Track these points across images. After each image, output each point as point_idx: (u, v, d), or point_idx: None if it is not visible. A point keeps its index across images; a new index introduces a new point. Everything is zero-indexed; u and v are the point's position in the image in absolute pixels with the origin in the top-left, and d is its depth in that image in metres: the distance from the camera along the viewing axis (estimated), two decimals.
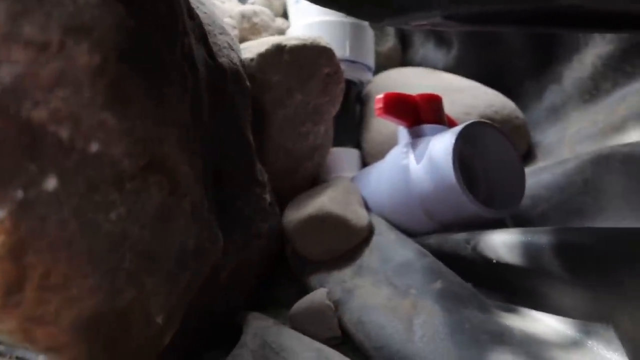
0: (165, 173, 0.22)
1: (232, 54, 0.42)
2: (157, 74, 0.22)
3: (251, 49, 0.48)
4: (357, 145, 0.59)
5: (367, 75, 0.60)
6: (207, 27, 0.39)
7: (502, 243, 0.36)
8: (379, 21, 0.32)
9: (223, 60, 0.39)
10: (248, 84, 0.43)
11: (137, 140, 0.20)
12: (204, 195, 0.29)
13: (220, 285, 0.38)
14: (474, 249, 0.39)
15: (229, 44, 0.42)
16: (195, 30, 0.34)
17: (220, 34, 0.42)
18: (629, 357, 0.28)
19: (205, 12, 0.41)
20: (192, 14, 0.34)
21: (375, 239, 0.45)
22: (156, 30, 0.22)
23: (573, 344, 0.31)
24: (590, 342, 0.30)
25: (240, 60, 0.43)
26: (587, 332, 0.31)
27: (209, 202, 0.32)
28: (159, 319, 0.22)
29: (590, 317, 0.31)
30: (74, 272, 0.19)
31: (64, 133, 0.19)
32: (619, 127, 0.50)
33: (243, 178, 0.40)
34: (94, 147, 0.19)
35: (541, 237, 0.33)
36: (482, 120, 0.43)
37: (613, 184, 0.43)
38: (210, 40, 0.39)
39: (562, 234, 0.32)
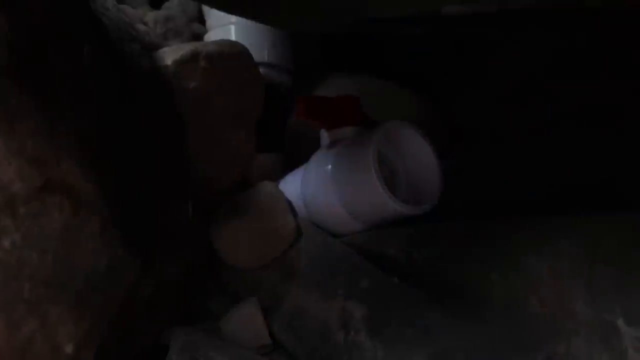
0: (66, 193, 0.21)
1: (144, 61, 0.40)
2: (51, 87, 0.20)
3: (166, 56, 0.47)
4: (281, 148, 0.59)
5: (287, 79, 0.60)
6: (113, 34, 0.37)
7: (420, 239, 0.37)
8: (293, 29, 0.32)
9: (133, 67, 0.37)
10: (162, 91, 0.41)
11: (29, 161, 0.18)
12: (117, 212, 0.28)
13: (144, 302, 0.36)
14: (398, 245, 0.40)
15: (139, 51, 0.40)
16: (100, 39, 0.33)
17: (130, 41, 0.40)
18: None
19: (111, 19, 0.39)
20: (96, 22, 0.33)
21: (303, 242, 0.45)
22: (49, 41, 0.21)
23: None
24: None
25: (153, 68, 0.42)
26: None
27: (124, 219, 0.30)
28: (69, 349, 0.21)
29: (504, 304, 0.33)
30: None
31: None
32: None
33: (163, 190, 0.39)
34: None
35: (454, 229, 0.35)
36: (400, 120, 0.45)
37: (520, 177, 0.46)
38: (118, 47, 0.37)
39: (472, 226, 0.34)
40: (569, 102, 0.53)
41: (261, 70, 0.57)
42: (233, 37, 0.56)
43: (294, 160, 0.59)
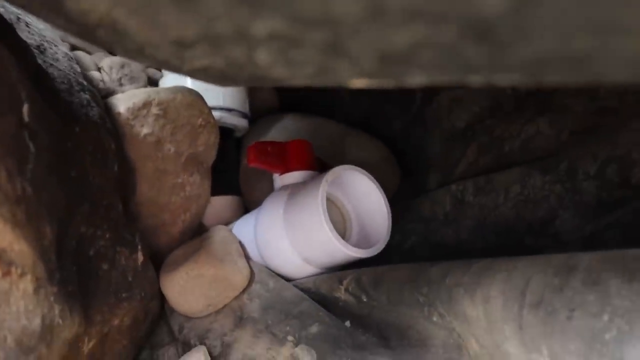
0: None
1: (92, 111, 0.40)
2: None
3: (119, 103, 0.47)
4: (237, 191, 0.60)
5: (243, 122, 0.61)
6: (61, 86, 0.38)
7: (368, 282, 0.38)
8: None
9: (80, 118, 0.38)
10: (112, 140, 0.42)
11: None
12: (54, 269, 0.28)
13: (86, 358, 0.36)
14: (347, 289, 0.41)
15: (88, 101, 0.41)
16: (44, 93, 0.33)
17: (79, 91, 0.40)
18: None
19: (60, 70, 0.39)
20: (40, 77, 0.33)
21: (255, 287, 0.45)
22: None
23: None
24: None
25: (102, 117, 0.42)
26: None
27: (63, 273, 0.30)
28: None
29: (445, 346, 0.34)
30: None
31: None
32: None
33: (107, 239, 0.38)
34: None
35: (397, 271, 0.36)
36: (350, 165, 0.46)
37: (467, 217, 0.48)
38: (66, 99, 0.37)
39: (412, 269, 0.35)
40: (512, 142, 0.56)
41: (217, 114, 0.58)
42: (189, 82, 0.57)
43: (249, 202, 0.59)
